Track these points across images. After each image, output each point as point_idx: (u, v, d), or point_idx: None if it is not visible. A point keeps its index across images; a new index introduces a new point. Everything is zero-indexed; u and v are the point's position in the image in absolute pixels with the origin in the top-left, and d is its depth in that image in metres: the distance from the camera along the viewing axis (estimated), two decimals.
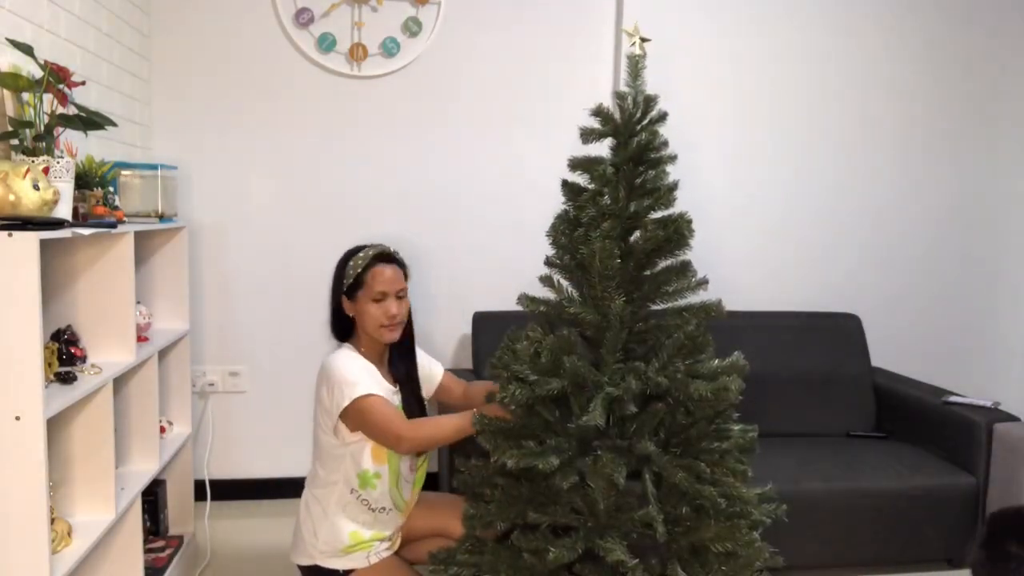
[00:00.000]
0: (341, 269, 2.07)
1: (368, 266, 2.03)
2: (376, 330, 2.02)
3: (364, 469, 1.99)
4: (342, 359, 2.00)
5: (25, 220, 1.53)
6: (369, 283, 2.02)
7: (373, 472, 2.00)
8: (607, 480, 1.68)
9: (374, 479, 2.00)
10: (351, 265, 2.04)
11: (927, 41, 3.44)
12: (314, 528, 2.02)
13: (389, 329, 2.03)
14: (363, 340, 2.07)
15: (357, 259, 2.05)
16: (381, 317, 2.01)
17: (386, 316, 2.01)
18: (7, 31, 1.87)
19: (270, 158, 3.12)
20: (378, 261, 2.04)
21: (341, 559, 2.00)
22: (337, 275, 2.08)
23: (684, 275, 1.84)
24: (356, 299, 2.03)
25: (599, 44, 3.25)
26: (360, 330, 2.07)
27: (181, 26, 3.02)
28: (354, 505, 2.01)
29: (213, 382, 3.16)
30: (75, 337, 1.93)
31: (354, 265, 2.04)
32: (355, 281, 2.03)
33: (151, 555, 2.39)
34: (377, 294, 2.01)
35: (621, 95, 1.82)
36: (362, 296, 2.02)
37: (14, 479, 1.49)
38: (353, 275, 2.03)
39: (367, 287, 2.02)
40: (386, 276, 2.03)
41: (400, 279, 2.07)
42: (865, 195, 3.48)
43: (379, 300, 2.01)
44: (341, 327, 2.09)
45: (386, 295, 2.02)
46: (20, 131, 1.78)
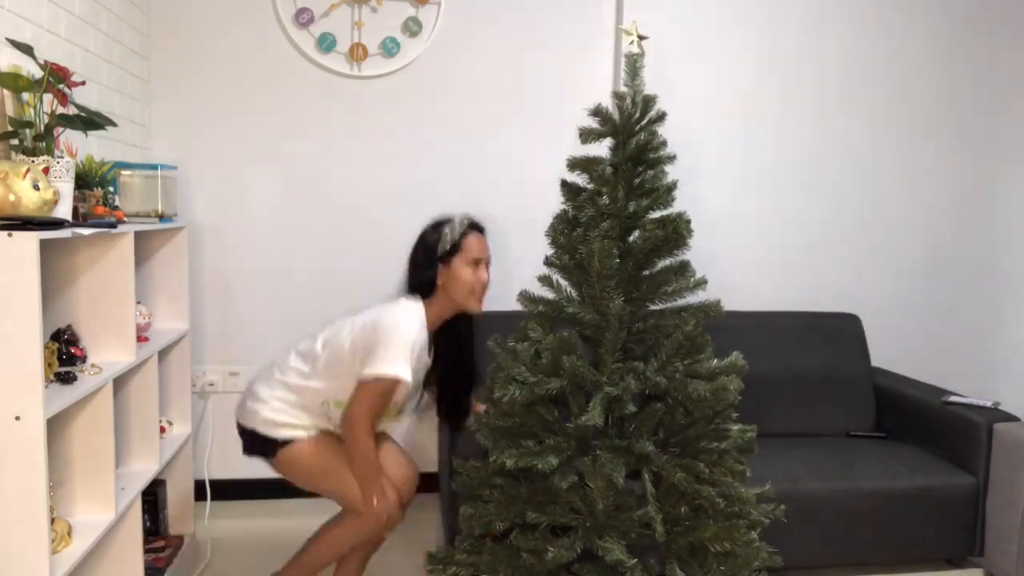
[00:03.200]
0: (433, 235, 2.12)
1: (466, 232, 2.10)
2: (466, 296, 2.08)
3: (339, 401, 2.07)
4: (413, 326, 2.01)
5: (25, 220, 1.53)
6: (467, 248, 2.08)
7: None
8: (606, 480, 1.69)
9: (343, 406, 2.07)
10: (448, 229, 2.10)
11: (930, 39, 3.44)
12: (269, 405, 2.10)
13: (477, 297, 2.11)
14: (438, 305, 2.12)
15: (454, 224, 2.11)
16: (474, 282, 2.08)
17: (479, 282, 2.09)
18: (7, 31, 1.87)
19: (270, 158, 3.12)
20: (474, 229, 2.13)
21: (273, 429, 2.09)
22: (428, 241, 2.12)
23: (683, 275, 1.84)
24: (450, 264, 2.08)
25: (599, 43, 3.25)
26: (442, 296, 2.11)
27: (181, 26, 3.02)
28: (316, 411, 2.10)
29: (213, 382, 3.16)
30: (75, 337, 1.93)
31: (451, 230, 2.10)
32: (453, 246, 2.08)
33: (151, 555, 2.39)
34: (472, 260, 2.08)
35: (620, 95, 1.82)
36: (457, 260, 2.08)
37: (14, 479, 1.49)
38: (451, 239, 2.08)
39: (464, 251, 2.08)
40: (480, 244, 2.11)
41: (487, 247, 2.15)
42: (865, 195, 3.48)
43: (475, 266, 2.09)
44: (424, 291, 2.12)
45: (480, 261, 2.10)
46: (20, 131, 1.78)
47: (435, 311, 2.12)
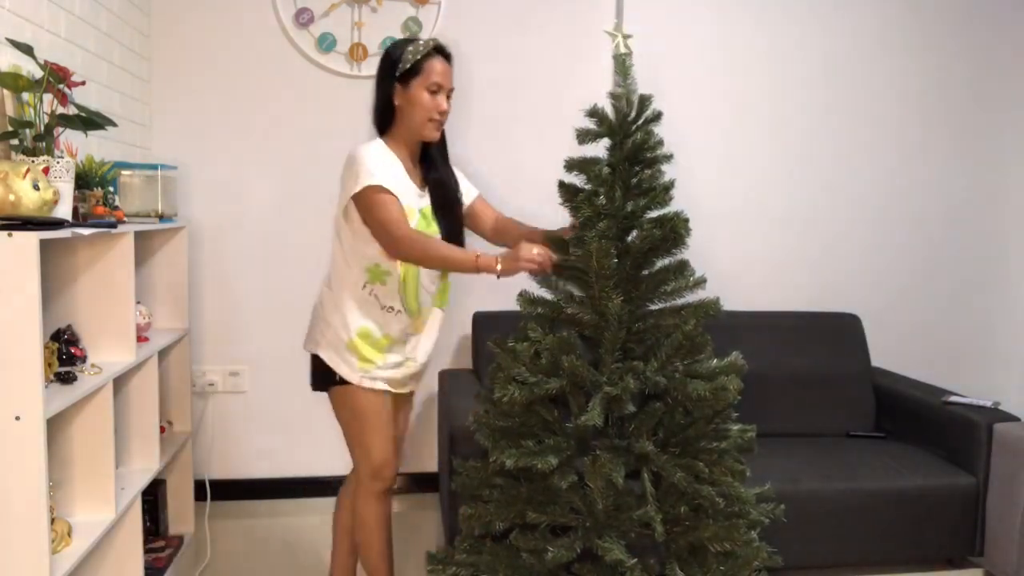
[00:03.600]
0: (395, 54, 1.99)
1: (428, 55, 1.97)
2: (422, 124, 1.99)
3: (376, 263, 1.98)
4: (371, 149, 1.97)
5: (25, 220, 1.53)
6: (427, 71, 1.96)
7: (384, 269, 1.98)
8: (605, 480, 1.69)
9: (384, 275, 1.99)
10: (410, 50, 1.97)
11: (928, 38, 3.44)
12: (326, 318, 2.04)
13: (435, 125, 2.00)
14: (399, 136, 2.03)
15: (417, 45, 1.98)
16: (432, 110, 1.97)
17: (437, 110, 1.98)
18: (7, 31, 1.87)
19: (270, 158, 3.12)
20: (437, 53, 1.99)
21: (344, 356, 2.01)
22: (389, 61, 2.00)
23: (682, 274, 1.84)
24: (409, 87, 1.97)
25: (598, 43, 3.25)
26: (400, 124, 2.02)
27: (181, 26, 3.02)
28: (366, 300, 2.01)
29: (213, 382, 3.16)
30: (75, 337, 1.94)
31: (413, 51, 1.97)
32: (412, 67, 1.96)
33: (151, 555, 2.39)
34: (433, 84, 1.97)
35: (616, 95, 1.82)
36: (416, 84, 1.97)
37: (14, 479, 1.49)
38: (412, 60, 1.96)
39: (424, 75, 1.96)
40: (443, 71, 1.99)
41: (451, 77, 2.02)
42: (865, 194, 3.48)
43: (434, 92, 1.97)
44: (383, 119, 2.04)
45: (441, 88, 1.98)
46: (20, 131, 1.79)
47: (397, 142, 2.03)
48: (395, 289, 2.01)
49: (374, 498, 2.10)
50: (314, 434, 3.23)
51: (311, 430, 3.23)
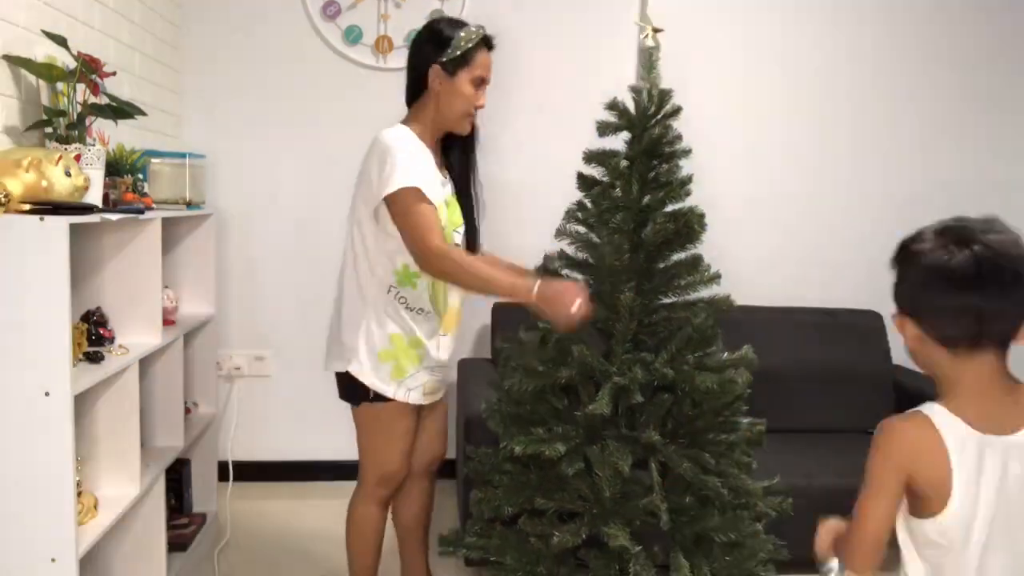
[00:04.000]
0: (442, 34, 1.87)
1: (478, 45, 1.87)
2: (459, 117, 1.90)
3: (404, 265, 1.88)
4: (401, 139, 1.84)
5: (56, 205, 1.60)
6: (475, 63, 1.87)
7: (414, 271, 1.88)
8: (613, 468, 1.71)
9: (414, 278, 1.89)
10: (462, 36, 1.85)
11: (952, 34, 3.39)
12: (352, 330, 1.92)
13: (471, 119, 1.93)
14: (426, 121, 1.93)
15: (468, 32, 1.87)
16: (472, 103, 1.89)
17: (477, 103, 1.90)
18: (43, 23, 1.94)
19: (297, 147, 3.18)
20: (485, 44, 1.90)
21: (377, 369, 1.91)
22: (435, 40, 1.88)
23: (696, 269, 1.86)
24: (455, 76, 1.86)
25: (623, 35, 3.26)
26: (431, 108, 1.91)
27: (211, 17, 3.09)
28: (391, 304, 1.90)
29: (239, 366, 3.24)
30: (104, 319, 2.01)
31: (466, 37, 1.85)
32: (462, 56, 1.85)
33: (175, 531, 2.46)
34: (478, 78, 1.88)
35: (636, 89, 1.84)
36: (463, 74, 1.86)
37: (43, 452, 1.56)
38: (463, 48, 1.84)
39: (472, 66, 1.86)
40: (488, 64, 1.90)
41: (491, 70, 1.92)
42: (888, 191, 3.44)
43: (477, 85, 1.89)
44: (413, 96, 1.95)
45: (484, 82, 1.90)
46: (54, 120, 1.85)
47: (423, 124, 1.92)
48: (424, 292, 1.92)
49: (375, 503, 2.05)
50: (336, 419, 3.26)
51: (333, 415, 3.27)
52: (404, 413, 1.98)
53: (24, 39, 1.86)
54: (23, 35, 1.86)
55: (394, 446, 2.00)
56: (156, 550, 2.13)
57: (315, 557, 2.66)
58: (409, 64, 1.94)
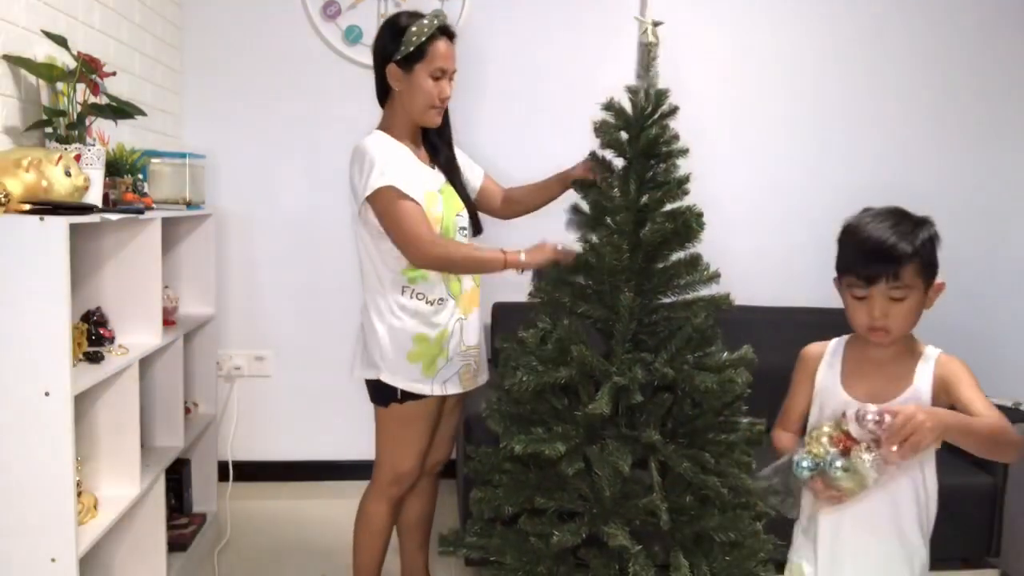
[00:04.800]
0: (395, 31, 1.87)
1: (434, 36, 1.85)
2: (423, 110, 1.90)
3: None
4: (375, 142, 1.88)
5: (56, 205, 1.60)
6: (431, 56, 1.85)
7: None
8: (612, 468, 1.71)
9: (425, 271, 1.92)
10: (413, 31, 1.83)
11: (950, 36, 3.39)
12: (377, 336, 1.94)
13: (437, 112, 1.92)
14: (397, 121, 1.95)
15: (421, 25, 1.84)
16: (434, 97, 1.88)
17: (440, 97, 1.89)
18: (43, 23, 1.94)
19: (297, 147, 3.18)
20: (443, 34, 1.87)
21: (408, 372, 1.94)
22: (389, 37, 1.88)
23: (695, 268, 1.86)
24: (411, 71, 1.86)
25: (625, 33, 3.25)
26: (398, 107, 1.93)
27: (212, 18, 3.09)
28: (410, 305, 1.92)
29: (239, 366, 3.24)
30: (104, 319, 2.01)
31: (417, 32, 1.83)
32: (416, 50, 1.84)
33: (175, 531, 2.47)
34: (437, 70, 1.86)
35: (633, 89, 1.84)
36: (420, 69, 1.86)
37: (43, 452, 1.56)
38: (415, 43, 1.83)
39: (428, 60, 1.85)
40: (447, 54, 1.88)
41: (455, 58, 1.91)
42: (887, 192, 3.41)
43: (437, 78, 1.87)
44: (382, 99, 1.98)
45: (445, 73, 1.89)
46: (54, 119, 1.86)
47: (398, 128, 1.94)
48: (439, 279, 1.95)
49: (386, 501, 2.08)
50: (336, 419, 3.29)
51: (333, 415, 3.29)
52: (429, 411, 2.02)
53: (24, 39, 1.86)
54: (23, 35, 1.86)
55: (412, 446, 2.03)
56: (156, 550, 2.13)
57: (315, 557, 2.66)
58: (374, 64, 1.96)
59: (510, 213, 2.16)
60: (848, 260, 1.61)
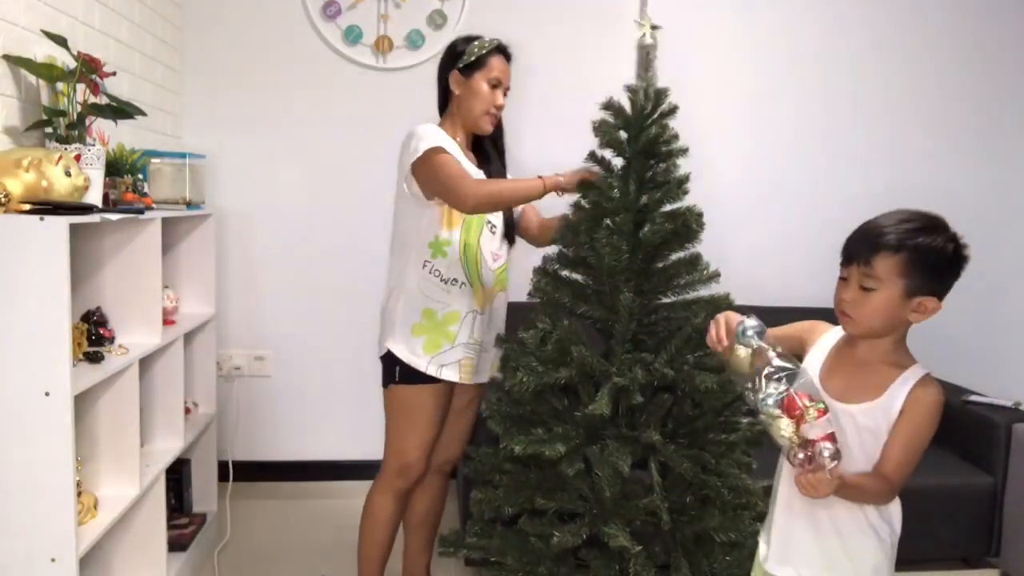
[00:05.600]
0: (460, 47, 2.13)
1: (491, 52, 2.11)
2: (479, 115, 2.11)
3: (435, 236, 2.04)
4: (427, 126, 2.06)
5: (56, 205, 1.60)
6: (489, 66, 2.10)
7: (444, 239, 2.04)
8: (613, 468, 1.71)
9: (444, 246, 2.04)
10: (476, 45, 2.11)
11: (953, 36, 3.39)
12: (391, 306, 2.09)
13: (491, 119, 2.12)
14: (453, 121, 2.15)
15: (483, 41, 2.12)
16: (489, 102, 2.10)
17: (494, 103, 2.10)
18: (43, 23, 1.94)
19: (297, 147, 3.18)
20: (500, 52, 2.13)
21: (411, 344, 2.04)
22: (453, 52, 2.14)
23: (695, 268, 1.86)
24: (471, 78, 2.10)
25: (623, 35, 3.25)
26: (455, 111, 2.14)
27: (212, 17, 3.09)
28: (426, 280, 2.05)
29: (239, 366, 3.24)
30: (104, 319, 2.01)
31: (479, 46, 2.11)
32: (477, 60, 2.10)
33: (175, 531, 2.46)
34: (493, 79, 2.10)
35: (632, 88, 1.84)
36: (479, 75, 2.10)
37: (43, 452, 1.56)
38: (477, 54, 2.10)
39: (486, 69, 2.10)
40: (504, 68, 2.13)
41: (510, 76, 2.16)
42: (888, 191, 3.43)
43: (494, 86, 2.10)
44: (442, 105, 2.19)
45: (500, 83, 2.11)
46: (54, 120, 1.86)
47: (450, 126, 2.15)
48: (456, 259, 2.05)
49: (392, 494, 2.12)
50: (335, 419, 3.29)
51: (333, 415, 3.29)
52: (432, 398, 2.07)
53: (24, 39, 1.86)
54: (23, 35, 1.86)
55: (415, 436, 2.07)
56: (156, 550, 2.13)
57: (315, 557, 2.66)
58: (438, 79, 2.18)
59: (545, 241, 2.22)
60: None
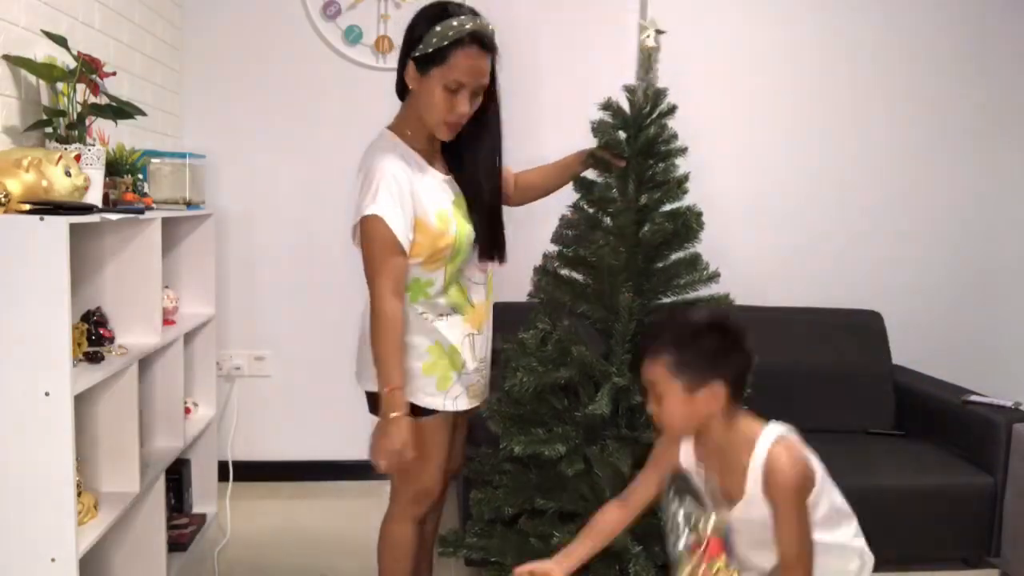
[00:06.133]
0: (421, 26, 1.65)
1: (459, 43, 1.62)
2: (435, 124, 1.70)
3: (415, 278, 1.74)
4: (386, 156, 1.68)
5: (56, 205, 1.60)
6: (451, 64, 1.62)
7: (425, 280, 1.75)
8: (613, 468, 1.71)
9: (427, 287, 1.76)
10: (438, 30, 1.62)
11: (952, 35, 3.39)
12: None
13: (449, 128, 1.70)
14: (411, 123, 1.75)
15: (448, 26, 1.62)
16: (445, 111, 1.66)
17: (453, 112, 1.67)
18: (43, 23, 1.94)
19: (297, 147, 3.18)
20: (473, 42, 1.63)
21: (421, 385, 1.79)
22: (419, 26, 1.66)
23: (694, 268, 1.86)
24: (427, 75, 1.65)
25: (623, 35, 3.26)
26: (412, 108, 1.73)
27: (212, 18, 3.09)
28: (418, 318, 1.77)
29: (239, 366, 3.24)
30: (104, 319, 2.01)
31: (441, 32, 1.62)
32: (434, 52, 1.62)
33: (175, 531, 2.47)
34: (452, 82, 1.64)
35: (631, 88, 1.84)
36: (435, 74, 1.64)
37: (43, 452, 1.56)
38: (435, 44, 1.61)
39: (446, 67, 1.63)
40: (472, 66, 1.64)
41: (486, 73, 1.68)
42: (889, 191, 3.44)
43: (453, 90, 1.65)
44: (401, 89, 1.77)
45: (462, 87, 1.65)
46: (54, 120, 1.86)
47: (409, 124, 1.74)
48: (441, 296, 1.80)
49: (410, 521, 1.92)
50: (335, 419, 3.29)
51: (332, 415, 3.29)
52: (444, 425, 1.88)
53: (24, 39, 1.86)
54: (23, 35, 1.86)
55: (432, 461, 1.87)
56: (156, 550, 2.13)
57: (315, 557, 2.66)
58: (399, 60, 1.75)
59: (524, 199, 2.03)
60: None
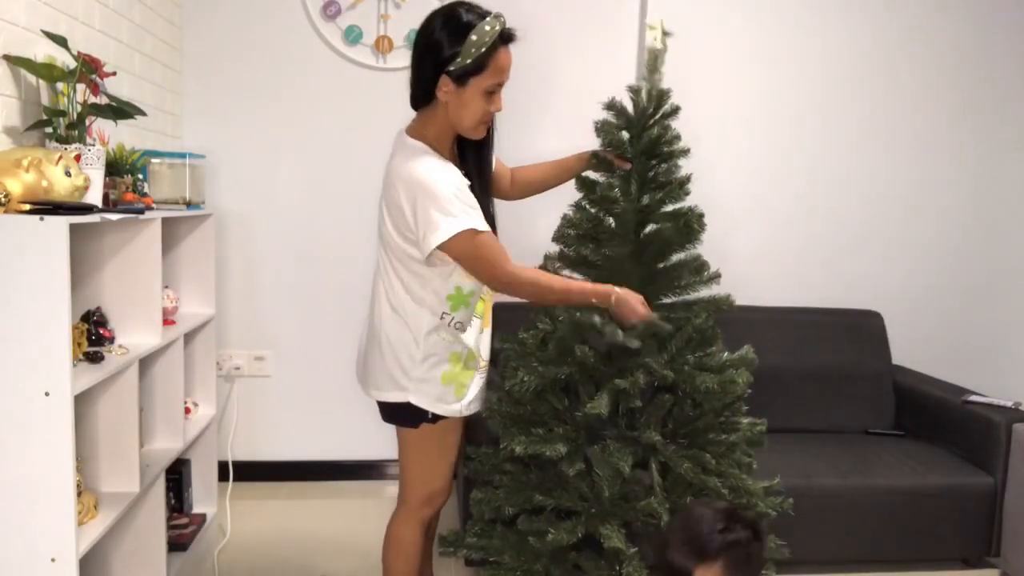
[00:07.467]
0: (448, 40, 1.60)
1: (494, 46, 1.59)
2: (472, 127, 1.68)
3: (458, 287, 1.72)
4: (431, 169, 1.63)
5: (56, 205, 1.59)
6: (492, 70, 1.61)
7: (468, 290, 1.73)
8: (613, 468, 1.71)
9: (469, 297, 1.74)
10: (474, 39, 1.58)
11: (952, 36, 3.39)
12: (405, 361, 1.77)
13: (485, 127, 1.71)
14: (435, 129, 1.71)
15: (482, 32, 1.58)
16: (486, 113, 1.66)
17: (492, 109, 1.67)
18: (43, 23, 1.94)
19: (297, 147, 3.18)
20: (503, 42, 1.62)
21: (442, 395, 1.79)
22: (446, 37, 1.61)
23: (696, 269, 1.86)
24: (465, 86, 1.61)
25: (624, 36, 3.26)
26: (441, 115, 1.69)
27: (212, 18, 3.09)
28: (446, 330, 1.75)
29: (239, 366, 3.24)
30: (104, 319, 2.00)
31: (478, 41, 1.58)
32: (473, 64, 1.58)
33: (175, 531, 2.46)
34: (492, 86, 1.63)
35: (634, 89, 1.84)
36: (475, 82, 1.61)
37: (43, 452, 1.56)
38: (473, 55, 1.58)
39: (487, 74, 1.61)
40: (506, 65, 1.63)
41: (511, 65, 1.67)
42: (889, 191, 3.45)
43: (492, 93, 1.65)
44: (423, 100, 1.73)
45: (502, 85, 1.66)
46: (54, 120, 1.85)
47: (435, 131, 1.71)
48: (475, 306, 1.82)
49: (419, 523, 1.94)
50: (335, 419, 3.29)
51: (332, 415, 3.29)
52: (457, 427, 1.90)
53: (24, 39, 1.86)
54: (23, 35, 1.86)
55: (444, 461, 1.91)
56: (156, 550, 2.13)
57: (315, 557, 2.66)
58: (413, 66, 1.72)
59: (519, 195, 2.01)
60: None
